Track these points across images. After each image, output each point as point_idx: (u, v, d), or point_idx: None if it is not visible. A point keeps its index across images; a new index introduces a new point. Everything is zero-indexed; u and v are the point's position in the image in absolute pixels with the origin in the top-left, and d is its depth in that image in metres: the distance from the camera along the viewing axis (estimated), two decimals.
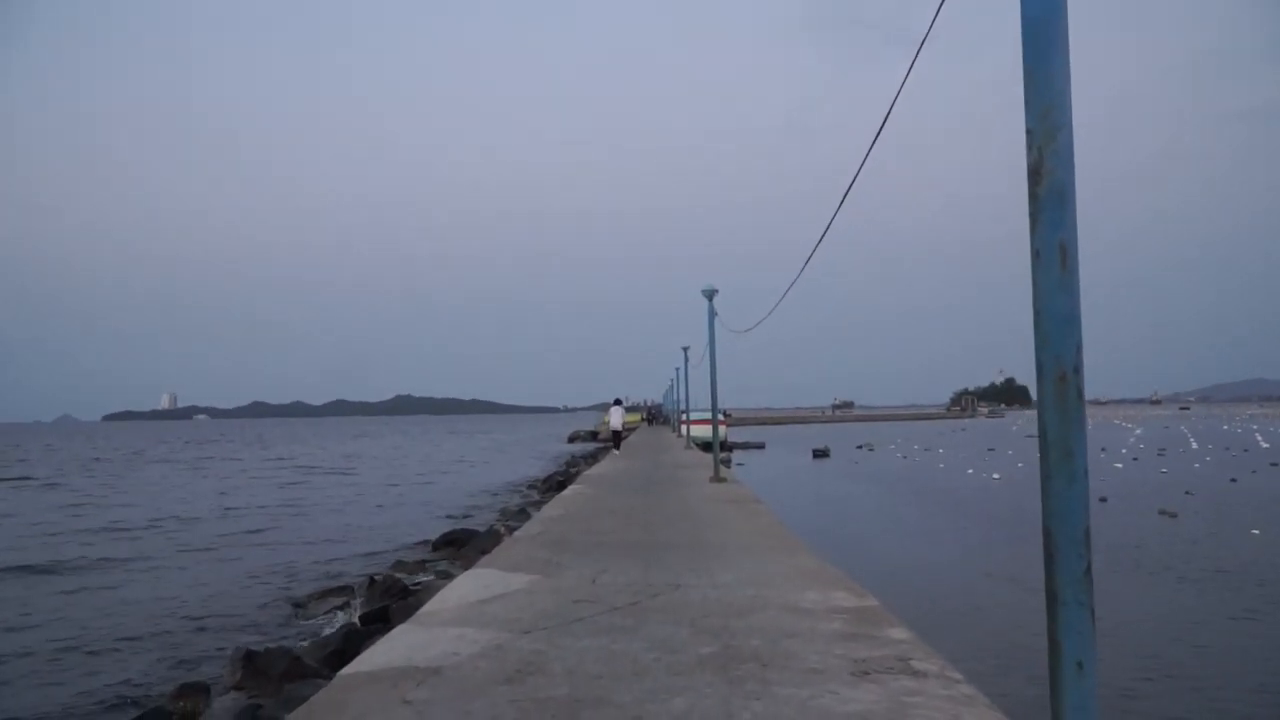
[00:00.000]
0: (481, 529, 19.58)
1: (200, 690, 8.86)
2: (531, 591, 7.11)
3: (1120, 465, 40.66)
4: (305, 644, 10.23)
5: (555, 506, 14.82)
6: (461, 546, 17.48)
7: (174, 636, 11.72)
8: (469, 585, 7.50)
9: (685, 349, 36.08)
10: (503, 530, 17.22)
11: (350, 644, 9.54)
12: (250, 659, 9.34)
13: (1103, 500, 26.08)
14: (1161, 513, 22.91)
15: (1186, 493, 27.84)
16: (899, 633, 5.71)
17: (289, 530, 23.42)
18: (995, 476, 35.32)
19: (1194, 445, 57.00)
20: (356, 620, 11.33)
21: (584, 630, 5.77)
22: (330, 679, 5.50)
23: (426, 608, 6.55)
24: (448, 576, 13.20)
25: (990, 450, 55.20)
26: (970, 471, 38.43)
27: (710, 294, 18.61)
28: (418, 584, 14.44)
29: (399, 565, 16.67)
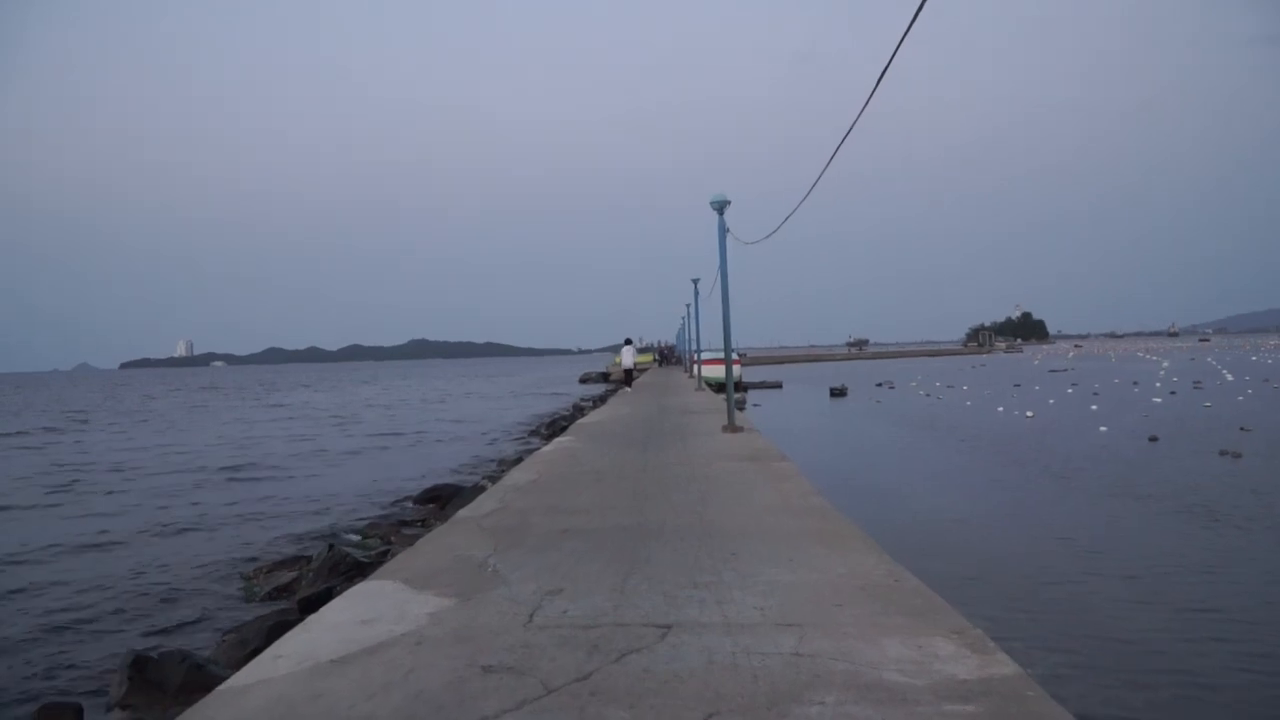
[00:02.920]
0: (468, 484, 17.74)
1: (69, 712, 6.93)
2: (424, 640, 4.59)
3: (1159, 400, 38.45)
4: (218, 642, 8.27)
5: (528, 469, 12.28)
6: (445, 504, 15.70)
7: (71, 627, 9.72)
8: (337, 621, 5.10)
9: (695, 281, 33.95)
10: (487, 485, 15.28)
11: (273, 640, 7.58)
12: (140, 666, 7.40)
13: (1153, 440, 23.97)
14: (1223, 453, 20.77)
15: (1241, 429, 25.64)
16: None
17: (270, 486, 21.62)
18: (1029, 415, 33.14)
19: (1229, 377, 54.67)
20: (295, 604, 9.40)
21: None
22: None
23: (230, 683, 4.08)
24: (414, 541, 11.19)
25: (1016, 386, 52.96)
26: (1000, 410, 36.24)
27: (721, 206, 16.06)
28: (384, 550, 12.54)
29: (373, 528, 14.81)
